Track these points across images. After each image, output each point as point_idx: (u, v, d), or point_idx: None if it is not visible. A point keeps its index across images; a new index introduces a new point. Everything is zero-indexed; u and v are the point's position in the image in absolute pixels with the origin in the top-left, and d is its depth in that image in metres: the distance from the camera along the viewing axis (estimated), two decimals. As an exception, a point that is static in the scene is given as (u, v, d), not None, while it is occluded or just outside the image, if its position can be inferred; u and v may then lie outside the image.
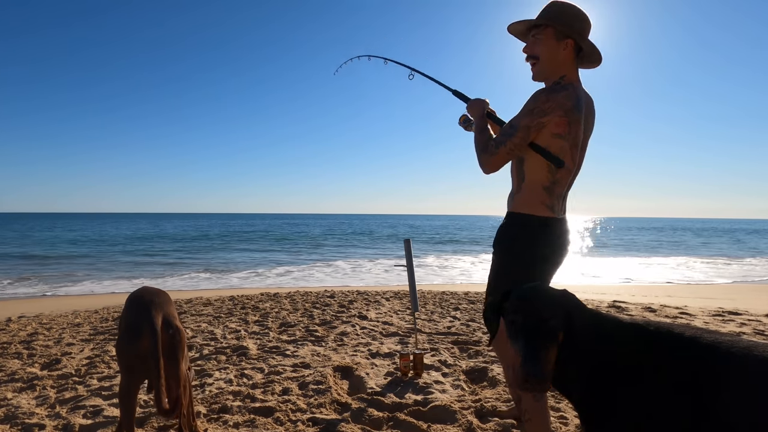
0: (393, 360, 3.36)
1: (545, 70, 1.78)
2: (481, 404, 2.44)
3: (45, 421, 2.32)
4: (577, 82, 1.78)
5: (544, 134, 1.69)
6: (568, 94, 1.67)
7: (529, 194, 1.76)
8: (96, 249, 20.71)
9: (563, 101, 1.65)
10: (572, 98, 1.67)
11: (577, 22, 1.72)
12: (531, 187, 1.75)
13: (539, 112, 1.66)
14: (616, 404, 1.07)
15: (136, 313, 1.77)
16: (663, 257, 18.03)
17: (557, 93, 1.66)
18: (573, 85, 1.72)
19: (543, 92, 1.68)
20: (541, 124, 1.67)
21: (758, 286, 9.75)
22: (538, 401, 1.71)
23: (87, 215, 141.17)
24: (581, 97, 1.71)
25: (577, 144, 1.73)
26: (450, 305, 5.88)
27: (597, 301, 6.30)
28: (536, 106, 1.67)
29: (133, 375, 1.76)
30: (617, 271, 13.04)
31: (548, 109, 1.65)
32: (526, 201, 1.76)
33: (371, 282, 10.52)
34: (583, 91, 1.79)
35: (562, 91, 1.67)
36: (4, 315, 5.76)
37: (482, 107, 1.96)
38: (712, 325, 4.66)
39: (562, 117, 1.65)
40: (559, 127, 1.66)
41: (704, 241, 30.65)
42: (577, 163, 1.80)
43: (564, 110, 1.65)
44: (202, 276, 11.81)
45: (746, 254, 19.57)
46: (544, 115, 1.66)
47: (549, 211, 1.74)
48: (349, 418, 2.33)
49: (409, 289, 3.33)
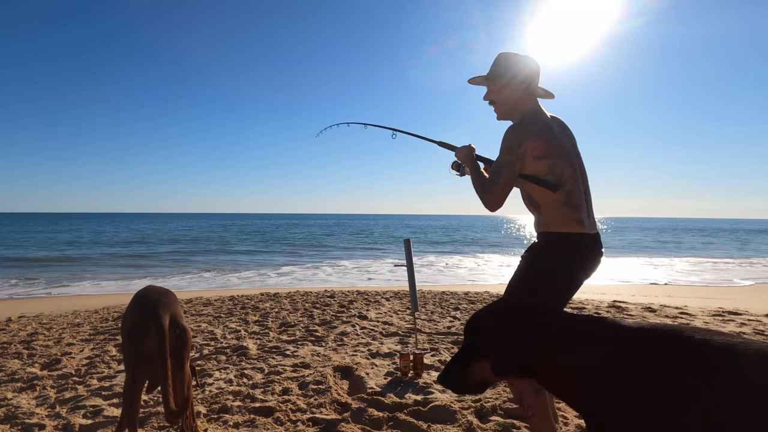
0: (393, 360, 3.36)
1: (504, 111, 1.96)
2: (481, 404, 2.44)
3: (45, 421, 2.32)
4: (539, 110, 1.90)
5: (528, 162, 1.79)
6: (532, 120, 1.83)
7: (553, 214, 1.79)
8: (95, 249, 20.71)
9: (530, 128, 1.80)
10: (538, 122, 1.82)
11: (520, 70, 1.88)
12: (551, 208, 1.79)
13: (515, 146, 1.79)
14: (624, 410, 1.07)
15: (142, 312, 1.75)
16: (663, 257, 18.03)
17: (523, 124, 1.83)
18: (535, 113, 1.87)
19: (511, 128, 1.84)
20: (521, 155, 1.78)
21: (759, 286, 9.75)
22: (539, 397, 1.74)
23: (84, 215, 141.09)
24: (546, 119, 1.86)
25: (569, 153, 1.81)
26: (450, 305, 5.88)
27: (597, 301, 6.30)
28: (510, 142, 1.80)
29: (138, 374, 1.74)
30: (617, 271, 13.04)
31: (521, 138, 1.78)
32: (552, 220, 1.80)
33: (372, 282, 10.52)
34: (547, 114, 1.91)
35: (527, 122, 1.83)
36: (4, 315, 5.76)
37: (470, 152, 2.08)
38: (712, 325, 4.66)
39: (536, 139, 1.77)
40: (538, 149, 1.77)
41: (706, 241, 30.65)
42: (580, 170, 1.86)
43: (535, 134, 1.78)
44: (202, 276, 11.82)
45: (751, 254, 19.55)
46: (519, 146, 1.78)
47: (578, 226, 1.77)
48: (349, 418, 2.33)
49: (409, 289, 3.33)
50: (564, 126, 1.94)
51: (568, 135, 1.91)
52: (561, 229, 1.77)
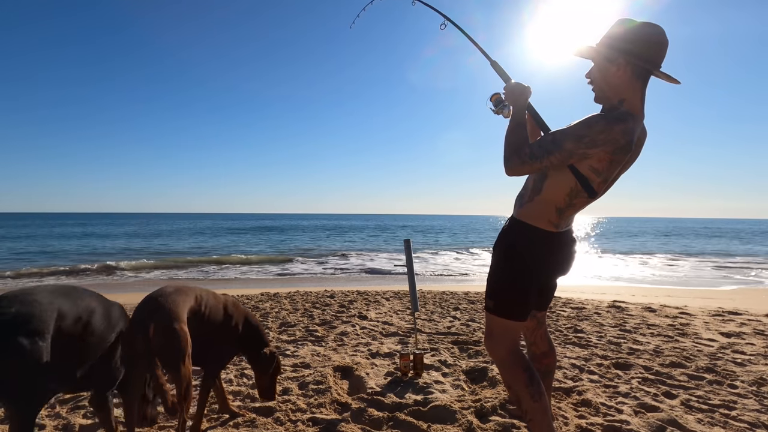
0: (393, 360, 3.36)
1: (599, 92, 1.66)
2: (481, 404, 2.44)
3: (45, 421, 2.32)
4: (638, 112, 1.60)
5: (583, 164, 1.59)
6: (626, 128, 1.52)
7: (540, 209, 1.72)
8: (95, 249, 20.71)
9: (618, 137, 1.52)
10: (628, 135, 1.52)
11: (634, 43, 1.54)
12: (544, 203, 1.71)
13: (589, 143, 1.53)
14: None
15: (139, 312, 1.82)
16: (664, 257, 18.03)
17: (615, 125, 1.52)
18: (633, 117, 1.56)
19: (601, 120, 1.54)
20: (585, 154, 1.56)
21: (759, 287, 9.75)
22: (537, 402, 1.69)
23: (81, 215, 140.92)
24: (636, 132, 1.57)
25: (608, 180, 1.66)
26: (450, 305, 5.88)
27: (597, 301, 6.29)
28: (588, 134, 1.53)
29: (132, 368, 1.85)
30: (618, 271, 13.04)
31: (600, 141, 1.52)
32: (533, 214, 1.73)
33: (372, 282, 10.51)
34: (641, 124, 1.63)
35: (620, 124, 1.52)
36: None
37: (525, 95, 1.78)
38: (712, 325, 4.67)
39: (608, 152, 1.54)
40: (601, 162, 1.57)
41: (708, 241, 30.63)
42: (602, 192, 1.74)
43: (614, 147, 1.53)
44: (202, 276, 11.82)
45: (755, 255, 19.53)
46: (593, 146, 1.53)
47: (553, 228, 1.72)
48: (349, 418, 2.33)
49: (409, 289, 3.33)
50: (640, 145, 1.69)
51: (633, 158, 1.70)
52: (538, 224, 1.72)
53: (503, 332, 1.77)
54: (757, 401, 2.58)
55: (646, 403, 2.53)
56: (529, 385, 1.69)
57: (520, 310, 1.75)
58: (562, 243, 1.78)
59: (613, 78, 1.59)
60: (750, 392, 2.73)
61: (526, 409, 1.70)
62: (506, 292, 1.76)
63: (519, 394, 1.72)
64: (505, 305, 1.76)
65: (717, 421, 2.32)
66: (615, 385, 2.83)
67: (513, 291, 1.75)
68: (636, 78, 1.57)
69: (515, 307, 1.75)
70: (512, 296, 1.75)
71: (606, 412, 2.39)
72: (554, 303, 6.04)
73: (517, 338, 1.80)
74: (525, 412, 1.72)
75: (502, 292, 1.78)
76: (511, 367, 1.74)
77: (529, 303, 1.77)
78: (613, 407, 2.46)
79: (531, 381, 1.70)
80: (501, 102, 1.88)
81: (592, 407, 2.45)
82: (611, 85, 1.61)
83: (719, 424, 2.29)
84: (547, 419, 1.70)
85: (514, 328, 1.77)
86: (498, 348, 1.78)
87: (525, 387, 1.70)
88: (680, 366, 3.24)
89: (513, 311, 1.75)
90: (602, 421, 2.28)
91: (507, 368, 1.75)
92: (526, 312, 1.77)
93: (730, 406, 2.50)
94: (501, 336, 1.78)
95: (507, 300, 1.76)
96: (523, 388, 1.70)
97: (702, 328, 4.53)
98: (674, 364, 3.29)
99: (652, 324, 4.73)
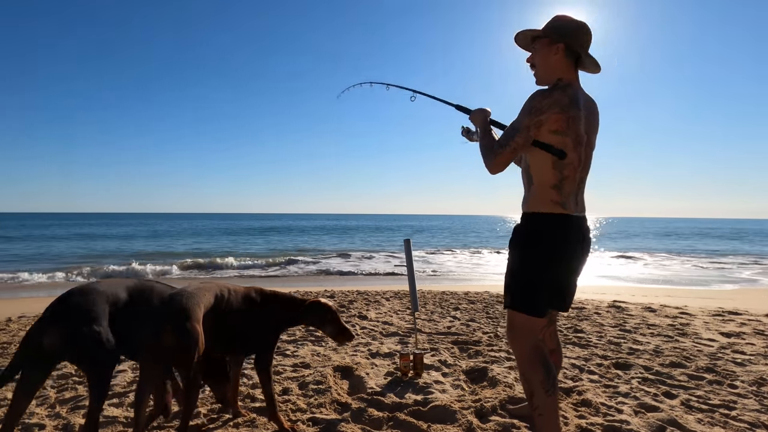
0: (393, 360, 3.36)
1: (541, 74, 1.91)
2: (481, 404, 2.44)
3: (45, 421, 2.32)
4: (576, 83, 1.86)
5: (543, 132, 1.75)
6: (564, 92, 1.75)
7: (539, 194, 1.82)
8: (94, 249, 20.71)
9: (559, 98, 1.73)
10: (568, 95, 1.75)
11: (569, 29, 1.82)
12: (540, 187, 1.82)
13: (536, 111, 1.74)
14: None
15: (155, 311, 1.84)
16: (665, 257, 18.03)
17: (552, 92, 1.76)
18: (570, 85, 1.80)
19: (539, 92, 1.78)
20: (539, 122, 1.74)
21: (759, 287, 9.75)
22: (551, 396, 1.74)
23: (79, 215, 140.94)
24: (579, 95, 1.79)
25: (580, 141, 1.78)
26: (450, 305, 5.88)
27: (597, 301, 6.30)
28: (533, 105, 1.75)
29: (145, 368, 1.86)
30: (618, 271, 13.05)
31: (545, 106, 1.73)
32: (537, 200, 1.83)
33: (373, 282, 10.52)
34: (583, 91, 1.87)
35: (557, 90, 1.76)
36: (4, 315, 5.76)
37: (484, 115, 2.05)
38: (712, 325, 4.67)
39: (559, 113, 1.72)
40: (558, 123, 1.73)
41: (711, 241, 30.63)
42: (583, 160, 1.82)
43: (560, 107, 1.72)
44: (202, 276, 11.82)
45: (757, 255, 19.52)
46: (541, 113, 1.73)
47: (560, 208, 1.79)
48: (349, 418, 2.33)
49: (409, 289, 3.33)
50: (593, 110, 1.87)
51: (591, 120, 1.85)
52: (544, 209, 1.81)
53: (523, 327, 1.83)
54: (757, 401, 2.59)
55: (646, 403, 2.53)
56: (546, 380, 1.76)
57: (535, 305, 1.81)
58: (574, 227, 1.83)
59: (552, 61, 1.85)
60: (750, 392, 2.73)
61: (539, 404, 1.76)
62: (521, 285, 1.84)
63: (534, 388, 1.77)
64: (520, 300, 1.83)
65: (717, 421, 2.33)
66: (615, 385, 2.83)
67: (527, 283, 1.82)
68: (569, 59, 1.84)
69: (531, 300, 1.81)
70: (527, 288, 1.82)
71: (606, 412, 2.40)
72: (554, 303, 6.04)
73: (538, 333, 1.86)
74: (536, 408, 1.76)
75: (517, 285, 1.85)
76: (530, 360, 1.80)
77: (543, 297, 1.81)
78: (613, 407, 2.46)
79: (548, 376, 1.76)
80: (469, 130, 2.26)
81: (592, 407, 2.45)
82: (551, 67, 1.86)
83: (719, 424, 2.30)
84: (556, 416, 1.76)
85: (534, 323, 1.82)
86: (518, 342, 1.85)
87: (541, 382, 1.76)
88: (680, 366, 3.24)
89: (528, 306, 1.81)
90: (602, 421, 2.28)
91: (525, 362, 1.82)
92: (541, 307, 1.82)
93: (730, 406, 2.50)
94: (521, 330, 1.84)
95: (523, 293, 1.83)
96: (539, 383, 1.76)
97: (702, 328, 4.53)
98: (674, 364, 3.29)
99: (652, 324, 4.73)
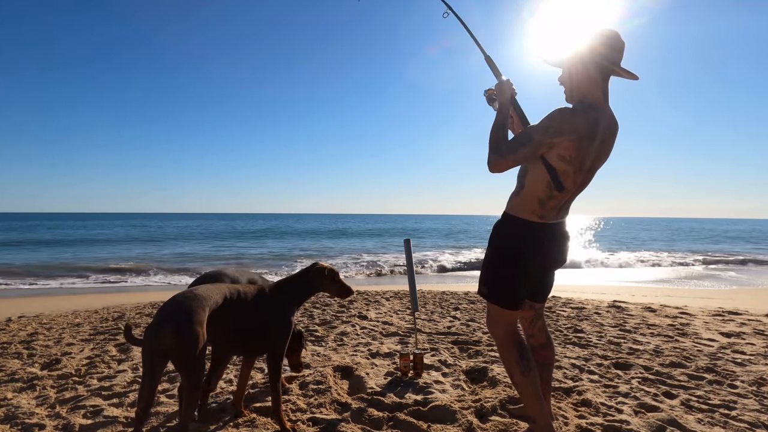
0: (393, 360, 3.36)
1: (569, 92, 1.86)
2: (481, 404, 2.44)
3: (45, 421, 2.32)
4: (602, 104, 1.78)
5: (552, 154, 1.75)
6: (587, 117, 1.71)
7: (524, 202, 1.88)
8: (94, 249, 20.71)
9: (579, 125, 1.70)
10: (589, 122, 1.70)
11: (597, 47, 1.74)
12: (527, 198, 1.86)
13: (554, 132, 1.71)
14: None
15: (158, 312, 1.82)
16: (665, 257, 18.02)
17: (575, 115, 1.71)
18: (595, 108, 1.74)
19: (562, 112, 1.72)
20: (552, 144, 1.72)
21: (759, 287, 9.75)
22: (526, 376, 1.88)
23: (77, 215, 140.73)
24: (600, 120, 1.74)
25: (582, 168, 1.79)
26: (450, 305, 5.88)
27: (597, 301, 6.29)
28: (552, 125, 1.71)
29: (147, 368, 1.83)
30: (618, 270, 13.04)
31: (563, 130, 1.70)
32: (519, 206, 1.89)
33: (372, 282, 10.51)
34: (606, 113, 1.78)
35: (581, 114, 1.71)
36: (4, 315, 5.76)
37: (510, 93, 1.98)
38: (712, 325, 4.67)
39: (573, 141, 1.70)
40: (568, 150, 1.72)
41: (711, 241, 30.63)
42: (579, 185, 1.85)
43: (577, 134, 1.70)
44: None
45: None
46: (557, 135, 1.71)
47: (537, 218, 1.86)
48: (349, 418, 2.33)
49: (409, 289, 3.33)
50: (611, 134, 1.80)
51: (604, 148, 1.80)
52: (523, 216, 1.87)
53: (499, 316, 1.96)
54: (757, 401, 2.59)
55: (646, 403, 2.53)
56: (519, 361, 1.90)
57: (509, 298, 1.92)
58: (549, 234, 1.89)
59: (580, 79, 1.79)
60: (750, 392, 2.73)
61: (517, 382, 1.92)
62: (496, 280, 1.94)
63: (511, 369, 1.92)
64: (496, 293, 1.94)
65: (717, 421, 2.33)
66: (615, 385, 2.83)
67: (501, 279, 1.92)
68: (598, 76, 1.77)
69: (504, 294, 1.92)
70: (501, 284, 1.92)
71: (606, 412, 2.40)
72: (554, 303, 6.05)
73: (513, 321, 1.97)
74: (516, 385, 1.93)
75: (492, 280, 1.95)
76: (504, 345, 1.94)
77: (517, 291, 1.91)
78: (613, 407, 2.46)
79: (521, 357, 1.90)
80: (493, 97, 2.11)
81: (592, 407, 2.45)
82: (579, 84, 1.81)
83: (719, 424, 2.29)
84: (534, 391, 1.89)
85: (509, 313, 1.93)
86: (495, 328, 1.98)
87: (516, 363, 1.90)
88: (680, 366, 3.24)
89: (503, 298, 1.92)
90: (602, 421, 2.28)
91: (501, 346, 1.96)
92: (516, 300, 1.92)
93: (730, 406, 2.50)
94: (497, 318, 1.97)
95: (497, 287, 1.93)
96: (514, 363, 1.90)
97: (702, 328, 4.53)
98: (674, 364, 3.29)
99: (652, 324, 4.73)
